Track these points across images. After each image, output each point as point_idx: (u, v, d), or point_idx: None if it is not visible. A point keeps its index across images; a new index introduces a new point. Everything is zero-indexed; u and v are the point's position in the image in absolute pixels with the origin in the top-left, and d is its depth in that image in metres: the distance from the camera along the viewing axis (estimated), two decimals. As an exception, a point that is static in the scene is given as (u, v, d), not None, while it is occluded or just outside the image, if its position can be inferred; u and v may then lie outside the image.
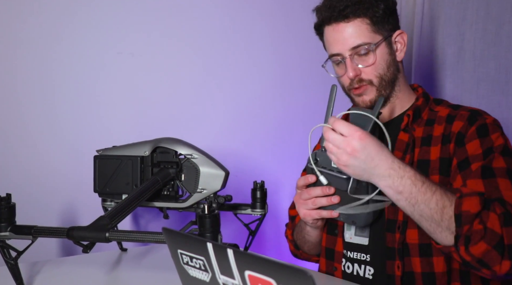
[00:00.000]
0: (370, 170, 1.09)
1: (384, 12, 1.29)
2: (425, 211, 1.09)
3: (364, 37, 1.29)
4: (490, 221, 1.07)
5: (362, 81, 1.32)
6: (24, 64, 1.63)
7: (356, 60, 1.30)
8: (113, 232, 1.15)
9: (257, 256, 0.69)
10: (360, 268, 1.31)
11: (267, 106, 2.06)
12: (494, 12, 1.73)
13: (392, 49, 1.33)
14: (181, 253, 0.84)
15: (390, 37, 1.32)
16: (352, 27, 1.29)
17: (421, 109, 1.33)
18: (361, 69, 1.30)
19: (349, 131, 1.09)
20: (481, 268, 1.08)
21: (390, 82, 1.33)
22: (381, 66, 1.31)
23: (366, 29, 1.29)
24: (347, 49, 1.30)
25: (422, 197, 1.09)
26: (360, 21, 1.29)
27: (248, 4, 2.00)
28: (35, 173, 1.65)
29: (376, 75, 1.31)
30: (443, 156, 1.24)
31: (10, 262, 1.22)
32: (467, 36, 1.81)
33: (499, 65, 1.73)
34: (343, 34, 1.30)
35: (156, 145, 1.40)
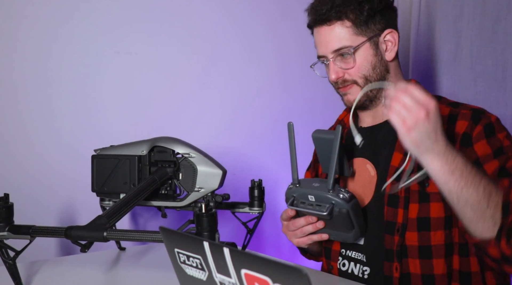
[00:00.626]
0: (429, 143, 1.04)
1: (368, 13, 1.29)
2: (473, 195, 1.05)
3: (345, 41, 1.29)
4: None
5: (346, 81, 1.32)
6: (21, 63, 1.63)
7: (339, 63, 1.31)
8: (111, 231, 1.15)
9: (253, 255, 0.69)
10: (356, 267, 1.32)
11: (264, 105, 2.06)
12: (491, 9, 1.73)
13: (378, 49, 1.32)
14: (178, 252, 0.84)
15: (377, 37, 1.31)
16: (334, 31, 1.30)
17: None
18: (344, 71, 1.31)
19: (425, 98, 1.03)
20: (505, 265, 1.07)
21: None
22: (364, 67, 1.30)
23: (348, 32, 1.29)
24: (329, 52, 1.31)
25: (472, 180, 1.05)
26: (341, 24, 1.29)
27: (245, 3, 2.00)
28: (33, 172, 1.66)
29: (360, 76, 1.31)
30: None
31: (8, 261, 1.22)
32: (464, 33, 1.81)
33: (496, 62, 1.73)
34: (326, 37, 1.32)
35: (153, 144, 1.40)
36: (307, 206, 1.21)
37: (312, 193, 1.19)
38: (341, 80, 1.33)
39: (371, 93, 1.32)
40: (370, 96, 1.33)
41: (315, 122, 2.16)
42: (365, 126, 1.40)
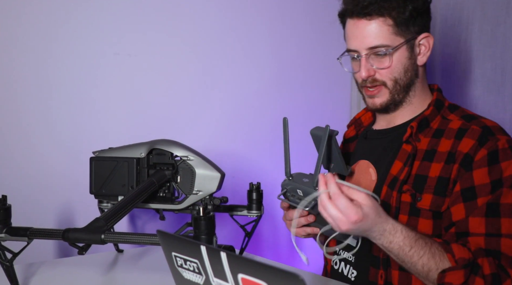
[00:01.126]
0: (366, 232, 1.09)
1: (411, 13, 1.23)
2: (412, 269, 1.12)
3: (383, 39, 1.23)
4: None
5: (376, 81, 1.27)
6: (20, 65, 1.63)
7: (372, 60, 1.25)
8: (108, 233, 1.15)
9: (250, 259, 0.69)
10: (346, 267, 1.32)
11: (263, 108, 2.06)
12: (490, 13, 1.74)
13: (413, 53, 1.27)
14: (175, 256, 0.84)
15: (413, 40, 1.26)
16: (373, 26, 1.23)
17: (430, 119, 1.27)
18: (376, 71, 1.26)
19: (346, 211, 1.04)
20: None
21: (405, 87, 1.28)
22: (397, 69, 1.25)
23: (387, 31, 1.23)
24: (364, 48, 1.25)
25: (409, 260, 1.10)
26: (383, 21, 1.22)
27: (245, 4, 2.00)
28: (31, 174, 1.65)
29: (391, 78, 1.26)
30: (443, 175, 1.19)
31: (6, 263, 1.22)
32: (463, 36, 1.82)
33: (495, 66, 1.73)
34: (363, 32, 1.24)
35: (152, 147, 1.40)
36: (295, 199, 1.21)
37: (301, 187, 1.19)
38: (371, 79, 1.27)
39: (398, 97, 1.28)
40: (396, 100, 1.29)
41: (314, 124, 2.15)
42: (376, 129, 1.38)
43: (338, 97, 2.24)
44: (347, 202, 1.04)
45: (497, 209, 1.14)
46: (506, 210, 1.14)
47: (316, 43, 2.16)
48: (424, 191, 1.20)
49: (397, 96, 1.28)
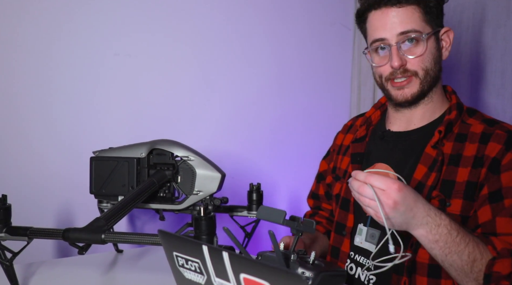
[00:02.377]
0: (408, 219, 1.06)
1: (436, 4, 1.23)
2: (456, 262, 1.08)
3: (415, 24, 1.21)
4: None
5: (407, 71, 1.24)
6: (20, 65, 1.63)
7: (403, 49, 1.23)
8: (109, 233, 1.15)
9: (253, 259, 0.69)
10: (363, 273, 1.30)
11: (264, 108, 2.06)
12: (490, 16, 1.74)
13: (439, 45, 1.26)
14: (176, 255, 0.84)
15: (438, 33, 1.25)
16: (403, 13, 1.22)
17: (453, 123, 1.25)
18: (408, 59, 1.23)
19: (386, 185, 1.04)
20: None
21: (434, 79, 1.26)
22: (428, 59, 1.23)
23: (419, 17, 1.22)
24: (395, 34, 1.22)
25: (456, 248, 1.07)
26: (413, 9, 1.22)
27: (245, 5, 2.01)
28: (31, 174, 1.65)
29: (422, 68, 1.23)
30: (471, 179, 1.18)
31: (6, 263, 1.22)
32: (463, 39, 1.82)
33: (495, 69, 1.74)
34: (393, 19, 1.22)
35: (152, 147, 1.40)
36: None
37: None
38: (402, 70, 1.24)
39: (427, 90, 1.26)
40: (425, 92, 1.26)
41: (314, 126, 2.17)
42: (394, 131, 1.35)
43: (338, 99, 2.24)
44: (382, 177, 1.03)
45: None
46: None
47: (316, 45, 2.17)
48: (453, 196, 1.18)
49: (426, 88, 1.25)
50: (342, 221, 1.35)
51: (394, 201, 1.03)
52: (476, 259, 1.08)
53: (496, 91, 1.73)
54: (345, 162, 1.44)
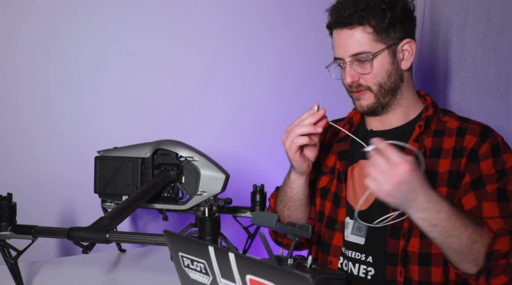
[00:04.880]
0: (409, 201, 1.08)
1: (390, 21, 1.28)
2: (455, 244, 1.11)
3: (364, 46, 1.28)
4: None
5: (361, 86, 1.31)
6: (23, 64, 1.63)
7: (356, 67, 1.30)
8: (113, 233, 1.15)
9: (259, 261, 0.69)
10: (355, 267, 1.31)
11: (267, 109, 2.06)
12: (495, 19, 1.73)
13: (395, 58, 1.31)
14: (182, 256, 0.84)
15: (395, 46, 1.30)
16: (352, 35, 1.29)
17: (431, 120, 1.32)
18: (360, 76, 1.30)
19: (400, 160, 1.04)
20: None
21: (391, 90, 1.32)
22: (380, 74, 1.30)
23: (368, 38, 1.28)
24: (348, 55, 1.30)
25: (456, 232, 1.10)
26: (362, 30, 1.28)
27: (248, 6, 2.01)
28: (34, 173, 1.66)
29: (375, 83, 1.30)
30: (453, 168, 1.24)
31: (10, 261, 1.22)
32: (467, 42, 1.81)
33: (499, 72, 1.73)
34: (345, 41, 1.30)
35: (157, 147, 1.40)
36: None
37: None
38: (356, 85, 1.32)
39: (384, 100, 1.32)
40: (383, 103, 1.33)
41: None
42: (375, 130, 1.39)
43: (340, 101, 2.23)
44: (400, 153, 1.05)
45: (506, 194, 1.18)
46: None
47: (318, 47, 2.16)
48: (438, 185, 1.23)
49: (383, 99, 1.32)
50: (333, 215, 1.36)
51: (400, 179, 1.05)
52: (476, 240, 1.11)
53: (500, 95, 1.73)
54: (331, 159, 1.45)
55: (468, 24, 1.80)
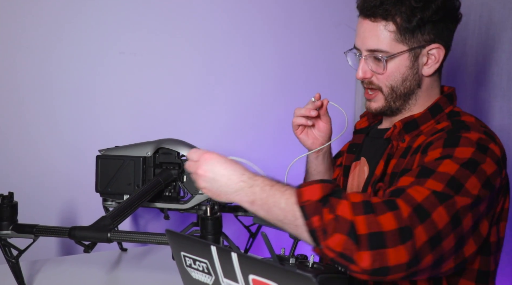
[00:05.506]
0: (223, 188, 1.05)
1: (418, 23, 1.16)
2: (278, 214, 1.00)
3: (383, 44, 1.18)
4: (340, 208, 0.95)
5: (372, 84, 1.24)
6: (25, 63, 1.63)
7: (371, 63, 1.22)
8: (115, 232, 1.15)
9: (262, 261, 0.69)
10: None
11: (269, 108, 2.06)
12: (497, 18, 1.73)
13: (416, 62, 1.20)
14: (184, 255, 0.84)
15: (420, 49, 1.19)
16: (374, 29, 1.19)
17: (419, 122, 1.22)
18: (373, 73, 1.22)
19: (198, 155, 1.07)
20: (348, 265, 0.95)
21: (403, 95, 1.23)
22: (394, 77, 1.21)
23: (389, 36, 1.18)
24: (364, 48, 1.21)
25: (272, 199, 1.00)
26: (384, 26, 1.18)
27: (250, 5, 2.00)
28: (35, 172, 1.65)
29: (386, 85, 1.22)
30: (407, 167, 1.14)
31: (11, 260, 1.22)
32: (469, 41, 1.81)
33: (501, 71, 1.73)
34: (365, 33, 1.21)
35: (158, 146, 1.40)
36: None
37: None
38: (367, 81, 1.24)
39: (394, 105, 1.24)
40: (393, 107, 1.24)
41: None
42: (378, 128, 1.36)
43: (342, 100, 2.24)
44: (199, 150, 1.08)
45: (430, 173, 1.04)
46: (438, 175, 1.03)
47: (320, 46, 2.17)
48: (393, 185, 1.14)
49: (393, 103, 1.24)
50: None
51: (203, 170, 1.05)
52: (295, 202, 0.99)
53: (502, 94, 1.73)
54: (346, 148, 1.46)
55: (470, 23, 1.80)
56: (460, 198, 1.00)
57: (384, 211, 0.95)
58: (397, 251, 0.93)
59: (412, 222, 0.95)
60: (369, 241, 0.92)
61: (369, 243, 0.92)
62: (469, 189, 1.02)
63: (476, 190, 1.02)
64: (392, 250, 0.93)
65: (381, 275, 0.94)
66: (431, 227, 0.96)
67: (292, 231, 1.02)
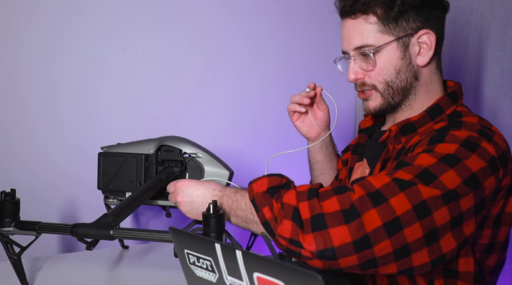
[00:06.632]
0: (201, 207, 1.14)
1: (399, 9, 1.12)
2: (242, 215, 1.09)
3: (367, 38, 1.15)
4: (286, 196, 1.00)
5: (365, 85, 1.20)
6: (27, 61, 1.63)
7: (360, 62, 1.18)
8: (117, 229, 1.15)
9: (267, 258, 0.69)
10: None
11: (270, 106, 2.06)
12: (499, 16, 1.73)
13: (408, 52, 1.16)
14: (188, 253, 0.84)
15: (408, 38, 1.15)
16: (356, 25, 1.17)
17: (417, 125, 1.18)
18: (365, 73, 1.19)
19: (173, 186, 1.20)
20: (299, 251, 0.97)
21: (401, 90, 1.18)
22: (387, 71, 1.16)
23: (372, 29, 1.14)
24: (351, 49, 1.19)
25: (236, 204, 1.10)
26: (365, 19, 1.15)
27: (251, 3, 2.00)
28: (36, 169, 1.65)
29: (380, 81, 1.18)
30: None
31: (14, 257, 1.22)
32: (471, 39, 1.81)
33: (503, 70, 1.73)
34: (348, 32, 1.19)
35: (161, 143, 1.40)
36: None
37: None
38: (360, 83, 1.21)
39: (393, 101, 1.20)
40: (392, 104, 1.20)
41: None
42: (381, 130, 1.33)
43: (343, 100, 2.24)
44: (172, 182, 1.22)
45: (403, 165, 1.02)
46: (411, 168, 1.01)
47: (321, 45, 2.16)
48: None
49: (392, 100, 1.20)
50: None
51: (181, 196, 1.16)
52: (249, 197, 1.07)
53: (504, 93, 1.73)
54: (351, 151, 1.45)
55: (472, 21, 1.80)
56: (426, 188, 0.97)
57: (329, 196, 0.97)
58: (339, 230, 0.93)
59: (362, 204, 0.95)
60: (312, 224, 0.95)
61: (311, 226, 0.95)
62: (444, 182, 0.98)
63: (453, 184, 0.99)
64: (334, 229, 0.93)
65: (330, 258, 0.94)
66: (387, 212, 0.94)
67: (255, 229, 1.09)
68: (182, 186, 1.17)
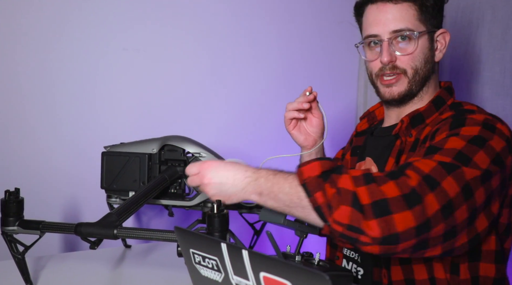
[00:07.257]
0: (231, 189, 1.09)
1: (434, 4, 1.23)
2: (285, 199, 1.03)
3: (409, 23, 1.21)
4: (340, 181, 0.97)
5: (396, 68, 1.24)
6: (28, 61, 1.63)
7: (394, 46, 1.23)
8: (121, 229, 1.15)
9: (274, 258, 0.69)
10: (348, 265, 1.30)
11: (272, 105, 2.06)
12: (500, 16, 1.74)
13: (432, 45, 1.25)
14: (193, 253, 0.84)
15: (433, 33, 1.25)
16: (398, 10, 1.22)
17: (425, 116, 1.24)
18: (398, 57, 1.23)
19: (197, 168, 1.14)
20: (358, 237, 0.95)
21: (423, 79, 1.25)
22: (419, 58, 1.23)
23: (413, 16, 1.22)
24: (388, 31, 1.23)
25: (277, 186, 1.04)
26: (409, 6, 1.22)
27: (253, 3, 2.00)
28: (39, 169, 1.65)
29: (412, 67, 1.23)
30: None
31: (18, 256, 1.22)
32: (472, 39, 1.82)
33: (504, 69, 1.74)
34: (387, 15, 1.23)
35: (164, 143, 1.40)
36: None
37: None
38: (391, 66, 1.24)
39: (415, 89, 1.25)
40: (413, 92, 1.26)
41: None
42: (383, 127, 1.36)
43: (345, 98, 2.24)
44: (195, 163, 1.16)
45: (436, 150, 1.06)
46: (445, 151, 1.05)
47: (323, 43, 2.17)
48: None
49: (415, 87, 1.25)
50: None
51: (208, 178, 1.10)
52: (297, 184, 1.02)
53: (505, 92, 1.73)
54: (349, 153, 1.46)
55: (473, 21, 1.80)
56: (468, 169, 1.01)
57: (385, 181, 0.96)
58: (403, 216, 0.93)
59: (422, 189, 0.95)
60: (374, 209, 0.93)
61: (374, 211, 0.93)
62: (477, 162, 1.03)
63: (485, 164, 1.03)
64: (398, 215, 0.93)
65: (391, 243, 0.94)
66: (443, 195, 0.96)
67: (300, 214, 1.03)
68: (209, 167, 1.11)
